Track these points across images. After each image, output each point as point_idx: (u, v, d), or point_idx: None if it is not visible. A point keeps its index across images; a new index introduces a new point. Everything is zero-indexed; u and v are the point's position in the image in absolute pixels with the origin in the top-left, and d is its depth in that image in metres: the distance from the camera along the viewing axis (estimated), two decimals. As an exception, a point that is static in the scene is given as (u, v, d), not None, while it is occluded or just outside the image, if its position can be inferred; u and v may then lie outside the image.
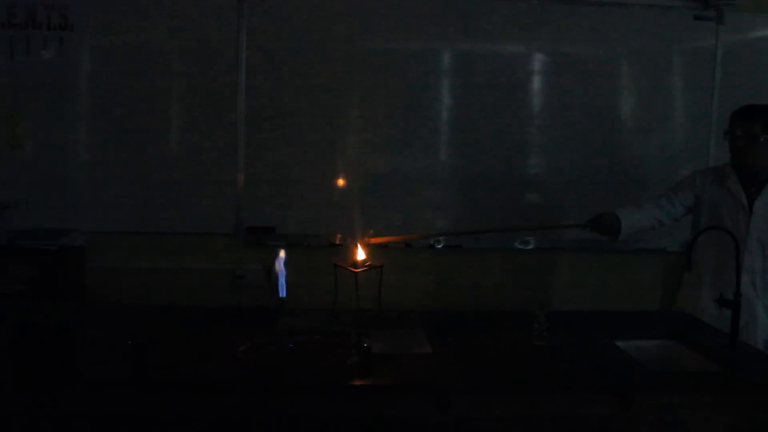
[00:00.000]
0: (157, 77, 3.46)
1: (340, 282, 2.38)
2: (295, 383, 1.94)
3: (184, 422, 1.89)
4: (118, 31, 3.42)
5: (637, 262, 3.77)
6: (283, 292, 2.20)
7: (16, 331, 1.94)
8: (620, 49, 3.66)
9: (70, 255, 3.31)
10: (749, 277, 2.74)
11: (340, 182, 3.58)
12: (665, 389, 2.03)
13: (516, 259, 3.74)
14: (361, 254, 2.42)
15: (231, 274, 3.59)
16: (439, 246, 3.66)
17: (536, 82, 3.64)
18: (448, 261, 3.70)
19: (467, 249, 3.68)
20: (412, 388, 1.97)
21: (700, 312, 2.80)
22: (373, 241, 2.55)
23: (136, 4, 3.41)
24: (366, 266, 2.39)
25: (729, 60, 3.67)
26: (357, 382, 1.94)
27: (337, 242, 3.57)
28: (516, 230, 3.62)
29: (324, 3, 3.48)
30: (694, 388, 2.06)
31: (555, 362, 2.17)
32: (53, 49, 3.40)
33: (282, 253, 2.22)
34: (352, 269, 2.37)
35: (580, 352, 2.26)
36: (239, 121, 3.49)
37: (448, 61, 3.61)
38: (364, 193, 3.58)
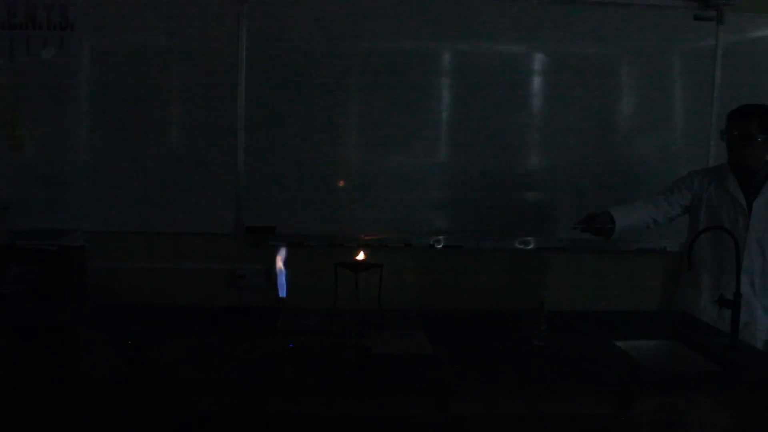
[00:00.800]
0: (157, 77, 3.46)
1: (340, 282, 2.38)
2: (295, 383, 1.94)
3: (184, 422, 1.89)
4: (118, 31, 3.43)
5: (637, 262, 3.77)
6: (283, 292, 2.20)
7: (16, 331, 1.94)
8: (620, 49, 3.66)
9: (70, 255, 3.31)
10: (748, 277, 2.74)
11: (340, 182, 3.58)
12: (665, 389, 2.03)
13: (516, 259, 3.74)
14: (360, 254, 2.42)
15: (231, 274, 3.59)
16: (439, 246, 3.66)
17: (536, 82, 3.63)
18: (448, 261, 3.70)
19: (467, 249, 3.68)
20: (412, 388, 1.97)
21: (699, 312, 2.80)
22: (368, 238, 2.55)
23: (136, 4, 3.41)
24: (366, 266, 2.39)
25: (729, 60, 3.66)
26: (357, 382, 1.94)
27: (337, 242, 3.56)
28: (506, 232, 3.61)
29: (324, 3, 3.48)
30: (694, 388, 2.05)
31: (555, 362, 2.17)
32: (53, 49, 3.40)
33: (282, 252, 2.22)
34: (352, 269, 2.37)
35: (580, 352, 2.26)
36: (239, 121, 3.49)
37: (448, 61, 3.61)
38: (364, 193, 3.58)
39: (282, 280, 2.19)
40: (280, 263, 2.20)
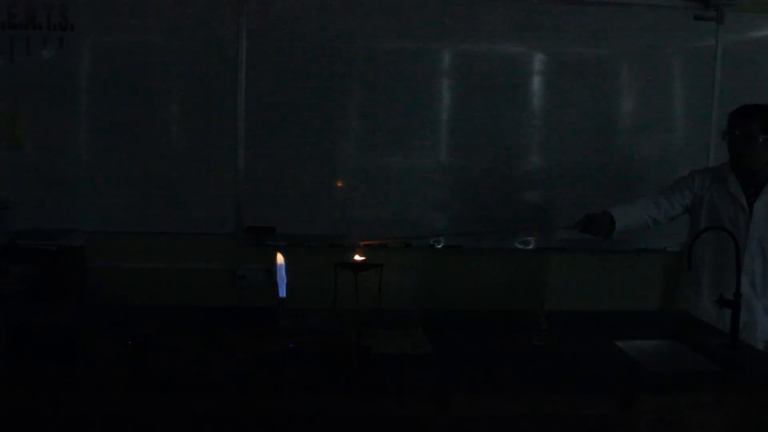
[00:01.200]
0: (157, 77, 3.46)
1: (340, 282, 2.38)
2: (295, 383, 1.94)
3: (184, 422, 1.89)
4: (118, 31, 3.42)
5: (637, 262, 3.77)
6: (283, 292, 2.20)
7: (16, 331, 1.94)
8: (620, 49, 3.66)
9: (70, 255, 3.31)
10: (748, 277, 2.74)
11: (340, 182, 3.58)
12: (665, 389, 2.03)
13: (516, 259, 3.74)
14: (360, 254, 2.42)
15: (231, 274, 3.59)
16: (439, 246, 3.66)
17: (536, 82, 3.64)
18: (448, 261, 3.70)
19: (467, 249, 3.68)
20: (412, 388, 1.97)
21: (699, 312, 2.80)
22: (368, 243, 2.55)
23: (136, 4, 3.41)
24: (366, 266, 2.39)
25: (729, 60, 3.66)
26: (357, 382, 1.94)
27: (337, 242, 3.56)
28: (506, 233, 3.61)
29: (324, 3, 3.48)
30: (694, 388, 2.05)
31: (555, 362, 2.17)
32: (53, 49, 3.40)
33: (280, 260, 2.21)
34: (352, 269, 2.37)
35: (580, 352, 2.26)
36: (239, 120, 3.49)
37: (448, 61, 3.61)
38: (364, 193, 3.58)
39: (282, 275, 2.19)
40: (281, 271, 2.20)
